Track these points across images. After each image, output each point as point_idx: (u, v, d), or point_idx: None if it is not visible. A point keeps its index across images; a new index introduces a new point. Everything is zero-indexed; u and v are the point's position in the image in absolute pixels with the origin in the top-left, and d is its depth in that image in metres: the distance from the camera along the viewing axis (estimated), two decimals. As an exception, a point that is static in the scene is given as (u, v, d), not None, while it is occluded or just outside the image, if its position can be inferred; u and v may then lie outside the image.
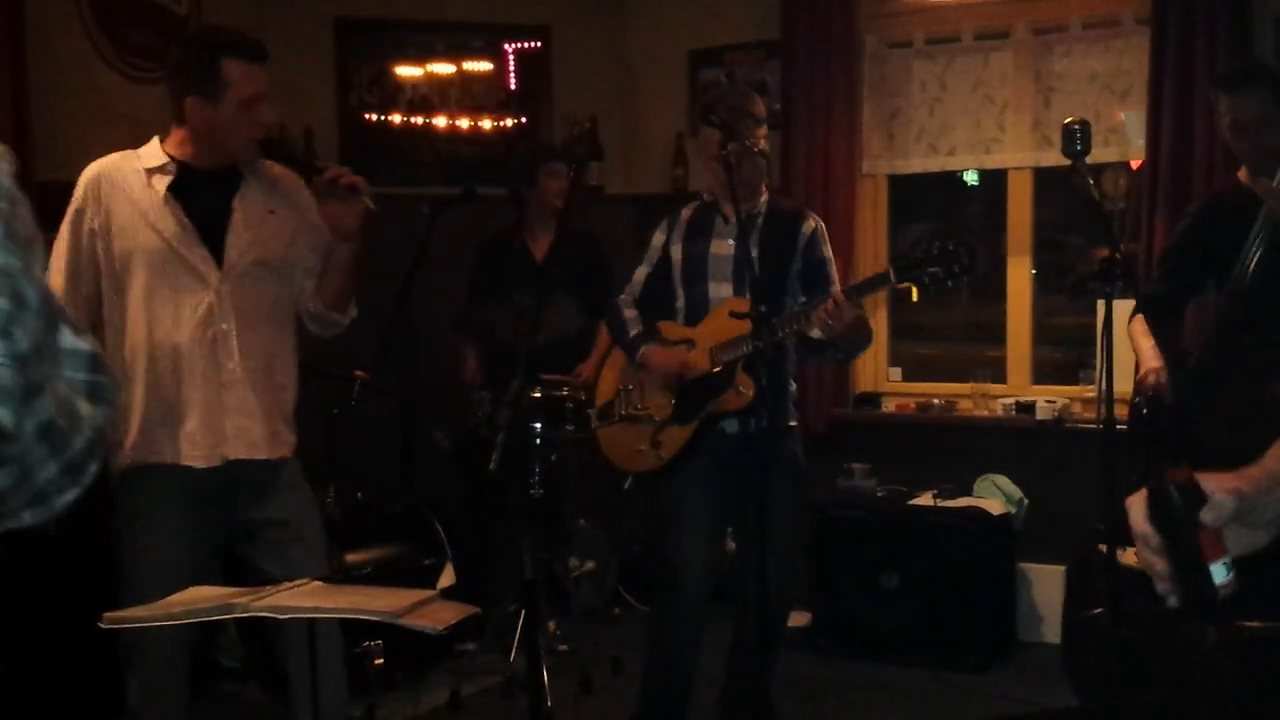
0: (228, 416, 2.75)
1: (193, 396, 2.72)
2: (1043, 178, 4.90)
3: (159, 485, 2.75)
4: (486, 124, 5.38)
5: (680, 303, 3.44)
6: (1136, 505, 1.23)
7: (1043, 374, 5.03)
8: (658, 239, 3.52)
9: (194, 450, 2.72)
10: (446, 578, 4.27)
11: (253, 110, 2.72)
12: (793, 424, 3.43)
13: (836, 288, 3.30)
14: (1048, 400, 4.71)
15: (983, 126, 4.91)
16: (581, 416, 4.40)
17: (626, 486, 4.50)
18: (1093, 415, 4.61)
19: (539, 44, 5.39)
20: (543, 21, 5.40)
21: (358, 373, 4.31)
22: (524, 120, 5.40)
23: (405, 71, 5.33)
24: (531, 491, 4.15)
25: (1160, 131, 4.39)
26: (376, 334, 3.90)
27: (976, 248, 3.03)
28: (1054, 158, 4.73)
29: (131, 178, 2.74)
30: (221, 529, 2.86)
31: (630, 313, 3.52)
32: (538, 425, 4.22)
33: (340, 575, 3.93)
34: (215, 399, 2.73)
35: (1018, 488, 4.64)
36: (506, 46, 5.38)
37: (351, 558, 4.10)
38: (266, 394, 2.83)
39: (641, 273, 3.55)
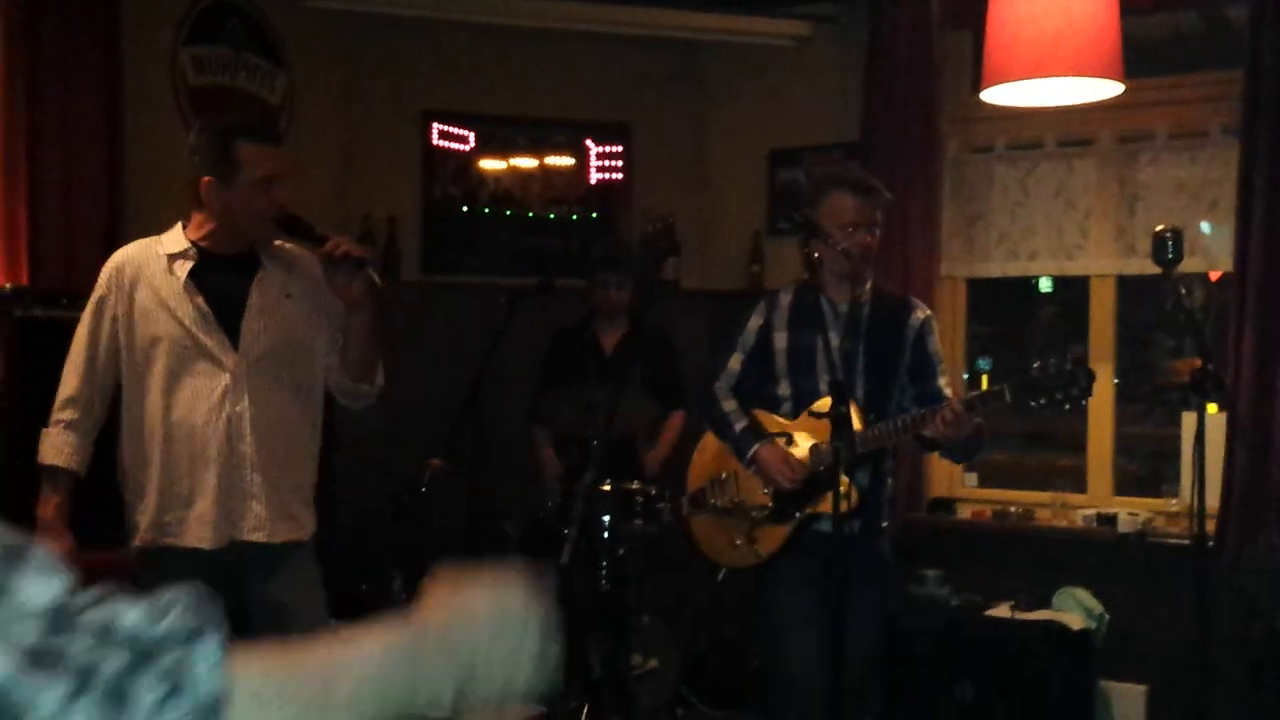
0: (238, 499, 2.76)
1: (205, 479, 2.74)
2: (1122, 283, 4.83)
3: (171, 568, 2.74)
4: (566, 217, 5.45)
5: (784, 391, 3.29)
6: None
7: (1120, 485, 4.90)
8: (754, 323, 3.35)
9: (203, 532, 2.73)
10: (510, 671, 4.20)
11: (266, 191, 2.75)
12: (885, 524, 3.31)
13: (949, 392, 3.21)
14: (1130, 513, 4.59)
15: (1065, 232, 4.86)
16: (651, 511, 4.38)
17: (719, 578, 4.34)
18: (1177, 530, 4.51)
19: (620, 140, 5.47)
20: (624, 119, 5.48)
21: (431, 461, 4.32)
22: (601, 215, 5.46)
23: (489, 164, 5.42)
24: (599, 585, 4.11)
25: (1249, 244, 4.31)
26: (449, 422, 3.98)
27: (1091, 371, 2.98)
28: (1139, 265, 4.69)
29: (154, 264, 2.78)
30: (228, 609, 2.81)
31: (730, 404, 3.34)
32: (606, 518, 4.23)
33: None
34: (226, 481, 2.75)
35: (1098, 602, 4.49)
36: (588, 142, 5.47)
37: (415, 647, 4.04)
38: (281, 476, 2.83)
39: (737, 360, 3.36)
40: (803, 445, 3.24)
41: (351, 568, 4.53)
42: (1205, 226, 4.63)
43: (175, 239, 2.82)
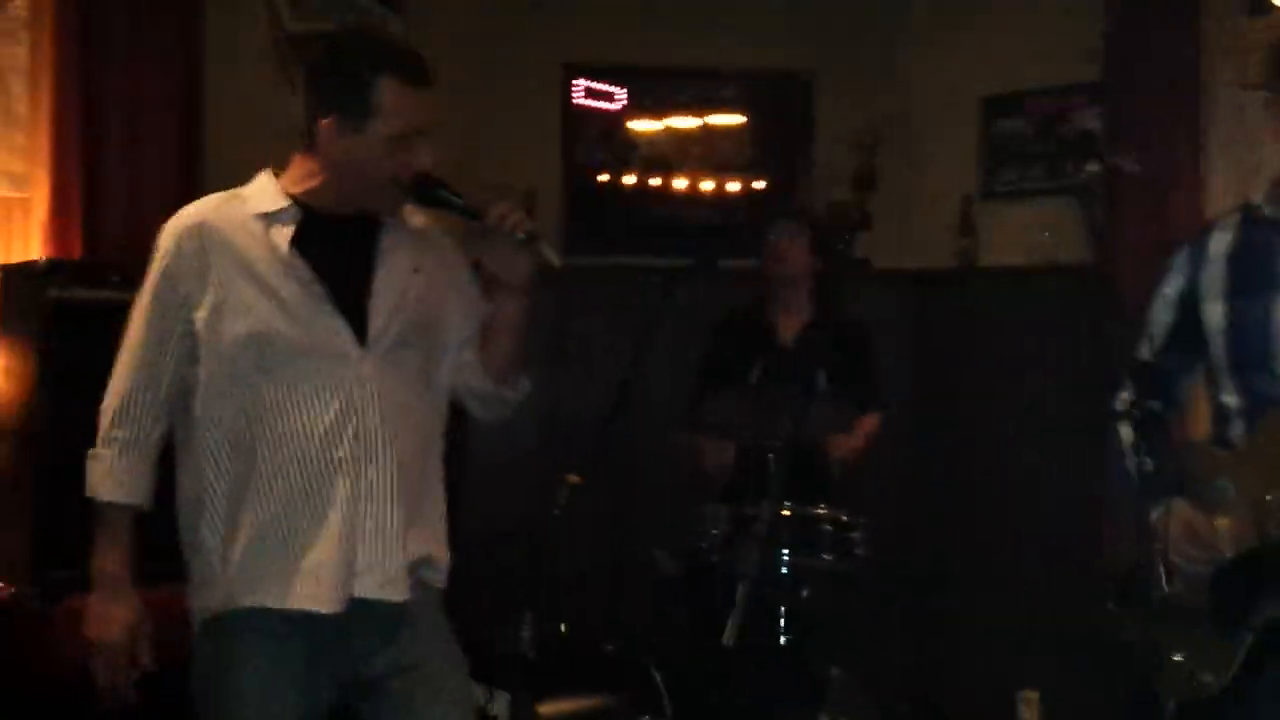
0: (363, 542, 2.12)
1: (324, 519, 2.11)
2: None
3: (262, 636, 2.11)
4: (733, 186, 4.92)
5: (1229, 399, 2.13)
6: None
7: None
8: (1170, 290, 2.29)
9: (318, 589, 2.10)
10: (665, 743, 3.47)
11: (403, 148, 2.14)
12: None
13: None
14: None
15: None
16: (842, 542, 3.60)
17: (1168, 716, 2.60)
18: None
19: (799, 92, 4.92)
20: (804, 66, 4.92)
21: (568, 477, 3.67)
22: (776, 181, 4.90)
23: (640, 126, 4.93)
24: (776, 644, 3.37)
25: None
26: (593, 428, 3.49)
27: None
28: None
29: (240, 230, 2.15)
30: (335, 684, 2.20)
31: (1127, 433, 2.24)
32: (786, 553, 3.49)
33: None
34: (351, 519, 2.12)
35: None
36: (760, 98, 4.95)
37: (546, 709, 3.36)
38: (416, 509, 2.20)
39: (1144, 351, 2.33)
40: (1244, 501, 2.11)
41: (474, 610, 3.88)
42: None
43: (266, 193, 2.19)
